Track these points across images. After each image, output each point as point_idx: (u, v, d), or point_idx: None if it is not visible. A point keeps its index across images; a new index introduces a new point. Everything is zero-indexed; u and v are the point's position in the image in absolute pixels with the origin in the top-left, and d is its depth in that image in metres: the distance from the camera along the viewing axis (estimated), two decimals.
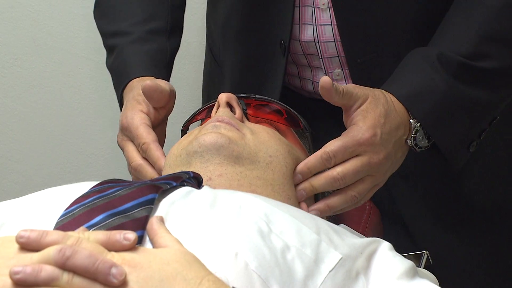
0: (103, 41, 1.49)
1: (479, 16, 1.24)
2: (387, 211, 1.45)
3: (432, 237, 1.46)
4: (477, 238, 1.47)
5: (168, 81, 1.38)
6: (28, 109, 2.14)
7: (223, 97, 1.19)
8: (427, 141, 1.23)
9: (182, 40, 1.52)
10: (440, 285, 0.98)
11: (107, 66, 1.46)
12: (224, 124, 1.12)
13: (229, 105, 1.19)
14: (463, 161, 1.28)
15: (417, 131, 1.21)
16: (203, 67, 1.69)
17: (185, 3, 1.54)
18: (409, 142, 1.21)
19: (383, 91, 1.21)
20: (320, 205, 1.14)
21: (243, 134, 1.12)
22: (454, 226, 1.46)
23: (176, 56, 1.49)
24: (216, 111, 1.18)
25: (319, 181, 1.14)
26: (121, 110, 1.39)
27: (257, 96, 1.25)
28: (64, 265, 0.76)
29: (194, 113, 1.29)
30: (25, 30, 2.08)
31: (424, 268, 1.18)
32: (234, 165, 1.09)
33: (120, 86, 1.38)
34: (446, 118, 1.23)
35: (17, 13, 2.07)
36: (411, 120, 1.21)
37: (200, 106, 1.33)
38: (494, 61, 1.24)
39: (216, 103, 1.20)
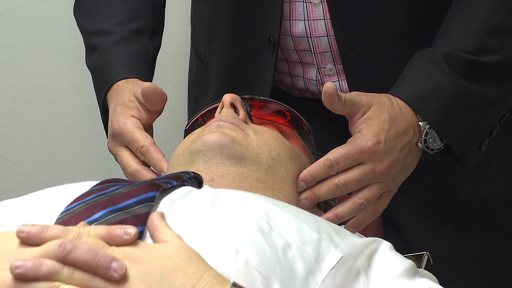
0: (84, 39, 1.48)
1: (481, 11, 1.24)
2: (382, 215, 1.45)
3: (427, 239, 1.46)
4: (472, 238, 1.47)
5: (151, 81, 1.38)
6: (28, 109, 2.14)
7: (227, 97, 1.19)
8: (439, 142, 1.22)
9: (165, 40, 1.51)
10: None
11: (87, 65, 1.45)
12: (228, 124, 1.12)
13: (233, 106, 1.19)
14: (475, 160, 1.27)
15: (427, 133, 1.20)
16: (188, 68, 1.69)
17: (165, 1, 1.54)
18: (420, 145, 1.20)
19: (390, 95, 1.21)
20: (329, 215, 1.14)
21: (247, 134, 1.13)
22: (448, 227, 1.46)
23: (160, 57, 1.48)
24: (220, 112, 1.18)
25: (321, 189, 1.14)
26: (100, 110, 1.39)
27: (261, 97, 1.25)
28: (64, 260, 0.76)
29: (198, 113, 1.29)
30: (25, 31, 2.08)
31: (424, 269, 1.18)
32: (236, 165, 1.09)
33: (103, 87, 1.37)
34: (455, 117, 1.22)
35: (18, 14, 2.07)
36: (420, 123, 1.20)
37: (202, 107, 1.33)
38: (500, 54, 1.24)
39: (220, 103, 1.20)
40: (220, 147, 1.09)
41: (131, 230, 0.80)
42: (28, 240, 0.79)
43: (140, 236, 0.84)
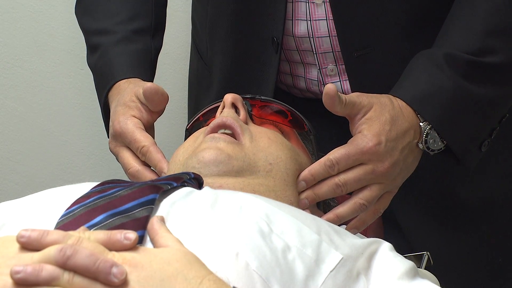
0: (85, 38, 1.47)
1: (482, 12, 1.24)
2: (383, 215, 1.45)
3: (427, 239, 1.46)
4: (472, 238, 1.47)
5: (152, 80, 1.38)
6: (29, 109, 2.14)
7: (228, 97, 1.19)
8: (440, 143, 1.22)
9: (165, 40, 1.51)
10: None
11: (88, 64, 1.45)
12: (224, 136, 1.12)
13: (234, 105, 1.19)
14: (475, 161, 1.28)
15: (427, 134, 1.20)
16: (188, 67, 1.69)
17: (167, 0, 1.53)
18: (420, 146, 1.20)
19: (391, 96, 1.21)
20: (329, 215, 1.15)
21: (242, 144, 1.12)
22: (448, 227, 1.46)
23: (160, 57, 1.48)
24: (221, 112, 1.18)
25: (321, 189, 1.14)
26: (101, 109, 1.38)
27: (262, 97, 1.25)
28: (64, 265, 0.76)
29: (199, 112, 1.28)
30: (26, 31, 2.08)
31: (424, 269, 1.18)
32: (235, 177, 1.09)
33: (105, 87, 1.37)
34: (456, 118, 1.22)
35: (18, 14, 2.07)
36: (421, 123, 1.20)
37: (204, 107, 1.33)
38: (501, 55, 1.24)
39: (221, 103, 1.20)
40: (216, 165, 1.08)
41: (131, 235, 0.80)
42: (28, 245, 0.79)
43: (140, 240, 0.84)
